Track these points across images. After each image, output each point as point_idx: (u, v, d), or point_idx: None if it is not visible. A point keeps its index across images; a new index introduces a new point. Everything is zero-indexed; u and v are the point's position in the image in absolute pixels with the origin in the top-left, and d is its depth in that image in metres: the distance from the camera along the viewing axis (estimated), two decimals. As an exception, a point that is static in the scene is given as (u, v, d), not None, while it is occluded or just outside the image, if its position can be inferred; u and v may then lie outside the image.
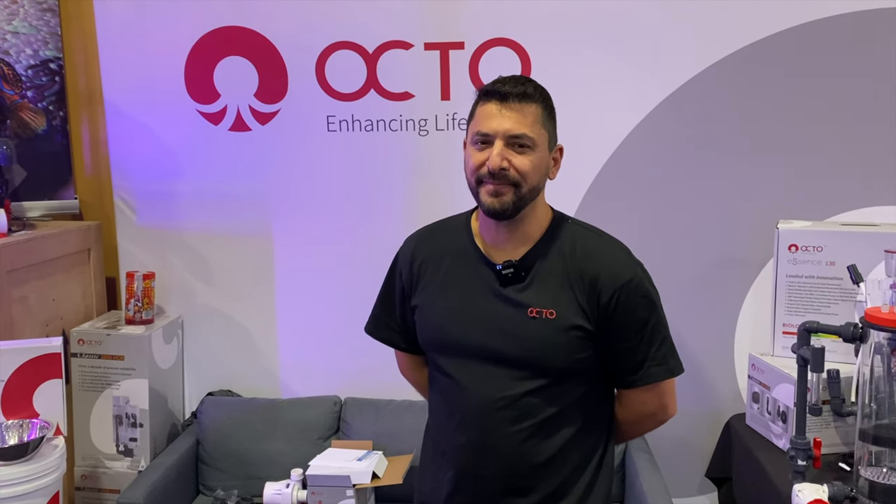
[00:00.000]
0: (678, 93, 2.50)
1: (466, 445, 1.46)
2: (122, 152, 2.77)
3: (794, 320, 2.17)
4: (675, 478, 2.61)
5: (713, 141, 2.52)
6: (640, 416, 1.53)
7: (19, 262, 2.35)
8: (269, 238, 2.75)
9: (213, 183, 2.73)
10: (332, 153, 2.67)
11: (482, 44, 2.54)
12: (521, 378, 1.41)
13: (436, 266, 1.52)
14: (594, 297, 1.40)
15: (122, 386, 2.57)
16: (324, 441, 2.62)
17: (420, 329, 1.55)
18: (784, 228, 2.27)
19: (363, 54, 2.60)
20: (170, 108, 2.70)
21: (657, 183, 2.56)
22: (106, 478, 2.58)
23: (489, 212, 1.39)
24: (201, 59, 2.67)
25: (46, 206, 2.78)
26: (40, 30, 2.73)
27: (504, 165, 1.35)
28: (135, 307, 2.64)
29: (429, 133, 2.62)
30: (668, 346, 1.47)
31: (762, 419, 2.27)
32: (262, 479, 2.35)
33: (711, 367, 2.61)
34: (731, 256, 2.56)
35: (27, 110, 2.76)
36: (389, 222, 2.64)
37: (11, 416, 2.14)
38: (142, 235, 2.80)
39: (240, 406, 2.72)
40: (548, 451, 1.43)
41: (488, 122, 1.37)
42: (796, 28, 2.43)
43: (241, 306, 2.81)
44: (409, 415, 2.59)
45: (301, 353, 2.82)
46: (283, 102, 2.66)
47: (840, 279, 2.18)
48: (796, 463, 1.82)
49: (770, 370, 2.22)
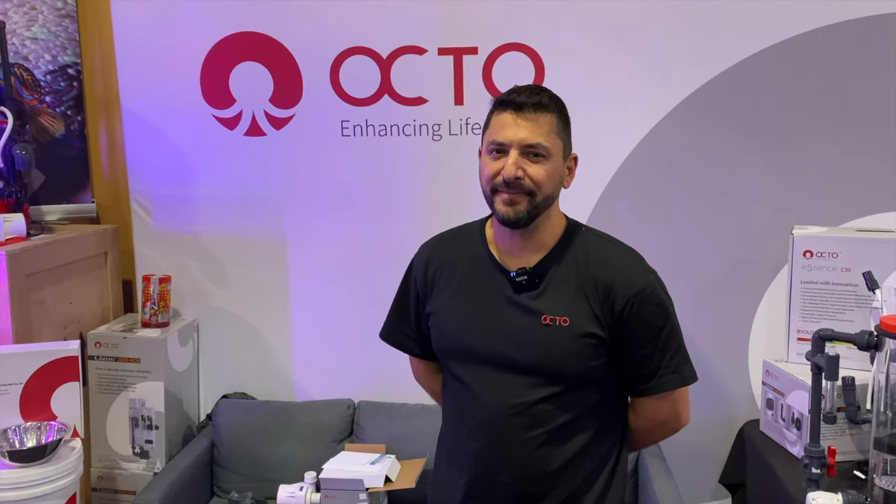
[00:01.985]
0: (692, 98, 2.50)
1: (480, 452, 1.46)
2: (138, 157, 2.79)
3: (809, 327, 2.16)
4: (689, 484, 2.61)
5: (727, 146, 2.51)
6: (653, 424, 1.53)
7: (38, 265, 2.37)
8: (284, 242, 2.77)
9: (228, 187, 2.75)
10: (346, 158, 2.68)
11: (496, 49, 2.55)
12: (534, 385, 1.42)
13: (450, 273, 1.53)
14: (608, 305, 1.41)
15: (138, 388, 2.59)
16: (337, 444, 2.63)
17: (434, 336, 1.56)
18: (799, 234, 2.26)
19: (377, 59, 2.61)
20: (186, 113, 2.73)
21: (671, 189, 2.56)
22: (122, 479, 2.60)
23: (504, 221, 1.40)
24: (217, 65, 2.69)
25: (64, 210, 2.81)
26: (59, 35, 2.76)
27: (519, 175, 1.36)
28: (151, 310, 2.66)
29: (442, 138, 2.63)
30: (682, 354, 1.47)
31: (776, 426, 2.26)
32: (276, 482, 2.36)
33: (725, 372, 2.60)
34: (745, 262, 2.55)
35: (46, 115, 2.79)
36: (403, 227, 2.66)
37: (30, 419, 2.16)
38: (158, 239, 2.82)
39: (254, 409, 2.74)
40: (561, 459, 1.43)
41: (503, 131, 1.37)
42: (812, 32, 2.42)
43: (255, 310, 2.83)
44: (422, 419, 2.59)
45: (315, 356, 2.83)
46: (298, 107, 2.68)
47: (855, 286, 2.17)
48: (810, 471, 1.81)
49: (784, 377, 2.21)
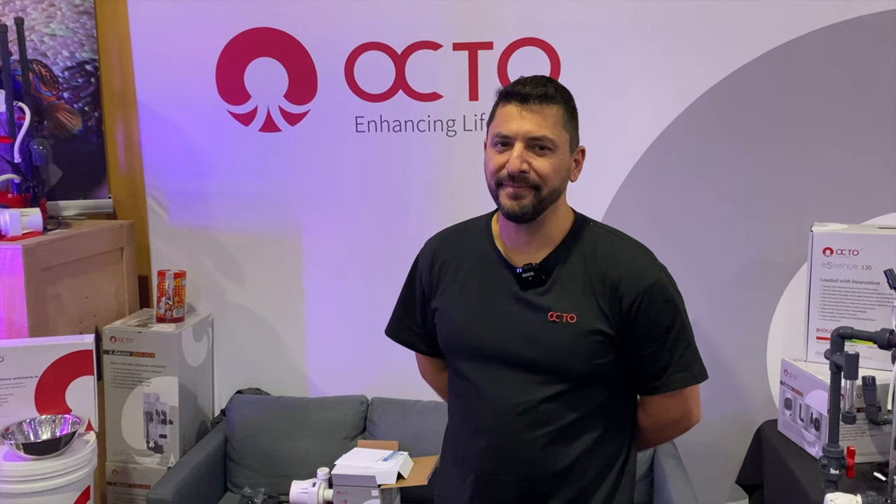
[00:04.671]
0: (710, 93, 2.46)
1: (486, 450, 1.45)
2: (154, 152, 2.81)
3: (829, 325, 2.12)
4: (705, 484, 2.57)
5: (743, 144, 2.47)
6: (663, 422, 1.50)
7: (54, 259, 2.39)
8: (298, 238, 2.77)
9: (243, 183, 2.76)
10: (360, 153, 2.68)
11: (511, 44, 2.53)
12: (540, 383, 1.39)
13: (456, 269, 1.51)
14: (616, 302, 1.38)
15: (152, 383, 2.60)
16: (350, 440, 2.63)
17: (440, 332, 1.54)
18: (819, 231, 2.21)
19: (392, 55, 2.60)
20: (201, 110, 2.74)
21: (690, 185, 2.52)
22: (136, 473, 2.62)
23: (509, 215, 1.38)
24: (232, 61, 2.69)
25: (81, 206, 2.83)
26: (76, 32, 2.78)
27: (524, 168, 1.33)
28: (166, 305, 2.68)
29: (457, 133, 2.61)
30: (692, 351, 1.43)
31: (794, 426, 2.22)
32: (289, 478, 2.36)
33: (743, 371, 2.56)
34: (763, 261, 2.51)
35: (64, 111, 2.82)
36: (417, 222, 2.65)
37: (44, 412, 2.19)
38: (173, 234, 2.84)
39: (268, 404, 2.74)
40: (568, 458, 1.41)
41: (508, 123, 1.35)
42: (833, 26, 2.37)
43: (270, 305, 2.84)
44: (434, 416, 2.58)
45: (328, 352, 2.83)
46: (313, 103, 2.68)
47: (877, 284, 2.13)
48: (829, 472, 1.77)
49: (803, 376, 2.17)
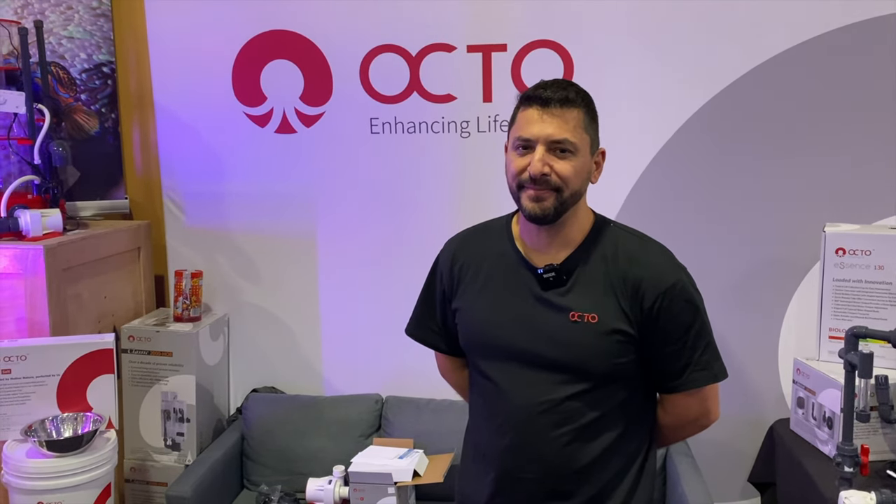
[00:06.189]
0: (722, 94, 2.47)
1: (508, 448, 1.46)
2: (171, 154, 2.84)
3: (841, 325, 2.13)
4: (718, 482, 2.59)
5: (755, 145, 2.49)
6: (682, 421, 1.52)
7: (74, 259, 2.42)
8: (314, 238, 2.80)
9: (259, 184, 2.79)
10: (375, 155, 2.70)
11: (525, 46, 2.54)
12: (562, 382, 1.41)
13: (476, 269, 1.52)
14: (637, 302, 1.40)
15: (170, 381, 2.63)
16: (365, 438, 2.65)
17: (461, 332, 1.56)
18: (831, 232, 2.23)
19: (406, 57, 2.62)
20: (217, 111, 2.77)
21: (702, 185, 2.54)
22: (154, 471, 2.65)
23: (530, 217, 1.40)
24: (248, 63, 2.72)
25: (98, 206, 2.86)
26: (94, 35, 2.81)
27: (545, 171, 1.35)
28: (183, 305, 2.71)
29: (471, 135, 2.63)
30: (712, 350, 1.45)
31: (807, 424, 2.23)
32: (305, 476, 2.38)
33: (755, 370, 2.58)
34: (776, 260, 2.53)
35: (81, 113, 2.85)
36: (432, 223, 2.67)
37: (66, 410, 2.21)
38: (190, 235, 2.87)
39: (283, 403, 2.77)
40: (589, 455, 1.43)
41: (530, 127, 1.37)
42: (842, 29, 2.38)
43: (285, 305, 2.86)
44: (449, 414, 2.60)
45: (344, 351, 2.85)
46: (328, 105, 2.70)
47: (889, 284, 2.14)
48: (843, 469, 1.79)
49: (816, 375, 2.19)
